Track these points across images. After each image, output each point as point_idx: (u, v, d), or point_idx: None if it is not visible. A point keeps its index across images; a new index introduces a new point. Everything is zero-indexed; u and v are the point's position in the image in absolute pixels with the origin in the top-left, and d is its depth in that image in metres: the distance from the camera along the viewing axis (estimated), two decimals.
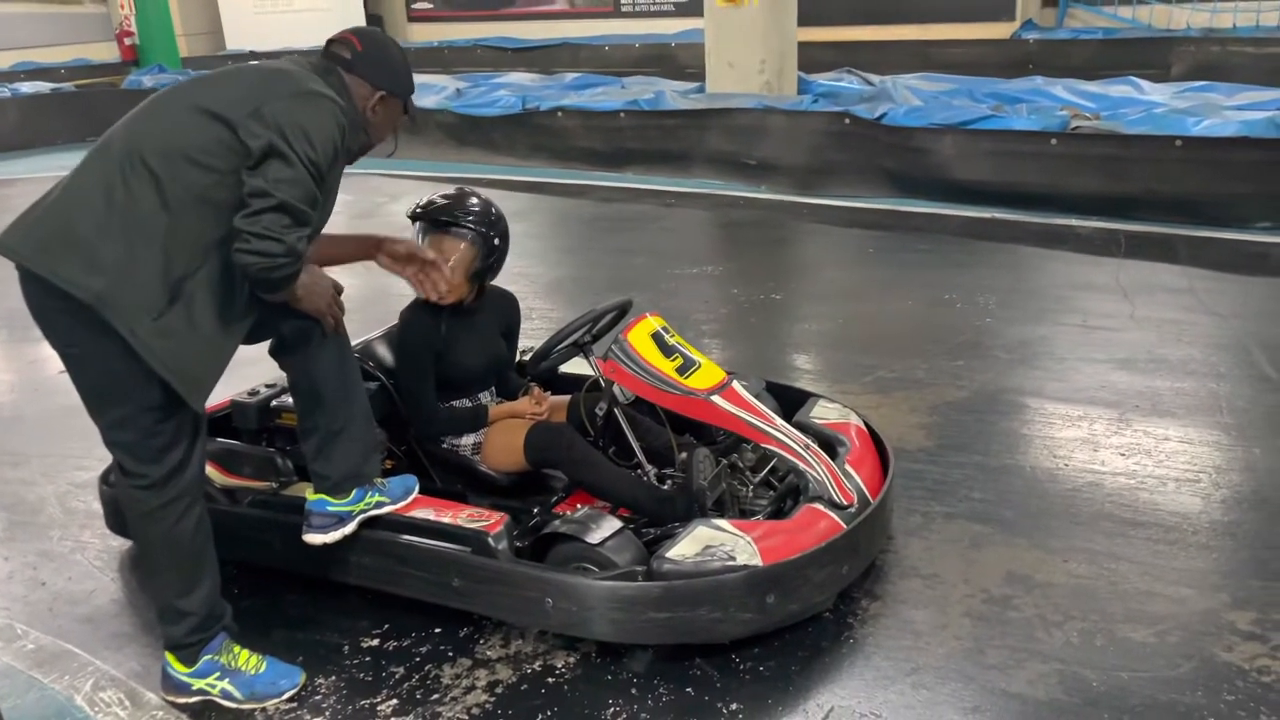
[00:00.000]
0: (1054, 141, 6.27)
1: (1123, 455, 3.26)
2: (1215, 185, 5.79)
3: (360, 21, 16.82)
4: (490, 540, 2.45)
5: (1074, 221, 6.09)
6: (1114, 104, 6.83)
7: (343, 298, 2.38)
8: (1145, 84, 7.44)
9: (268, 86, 2.09)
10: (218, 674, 2.28)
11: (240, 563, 2.71)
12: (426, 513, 2.58)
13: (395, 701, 2.32)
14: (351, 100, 2.22)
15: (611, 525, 2.46)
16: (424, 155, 8.54)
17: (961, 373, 3.98)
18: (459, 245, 2.78)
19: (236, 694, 2.28)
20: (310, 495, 2.50)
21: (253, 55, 13.20)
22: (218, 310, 2.10)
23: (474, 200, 2.83)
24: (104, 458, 3.21)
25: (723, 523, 2.45)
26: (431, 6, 16.69)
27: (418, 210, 2.81)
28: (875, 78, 8.38)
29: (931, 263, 5.51)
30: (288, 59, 2.24)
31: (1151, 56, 10.32)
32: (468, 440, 2.94)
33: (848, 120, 7.07)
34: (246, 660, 2.32)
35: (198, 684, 2.28)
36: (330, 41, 2.26)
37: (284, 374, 3.01)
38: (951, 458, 3.31)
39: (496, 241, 2.82)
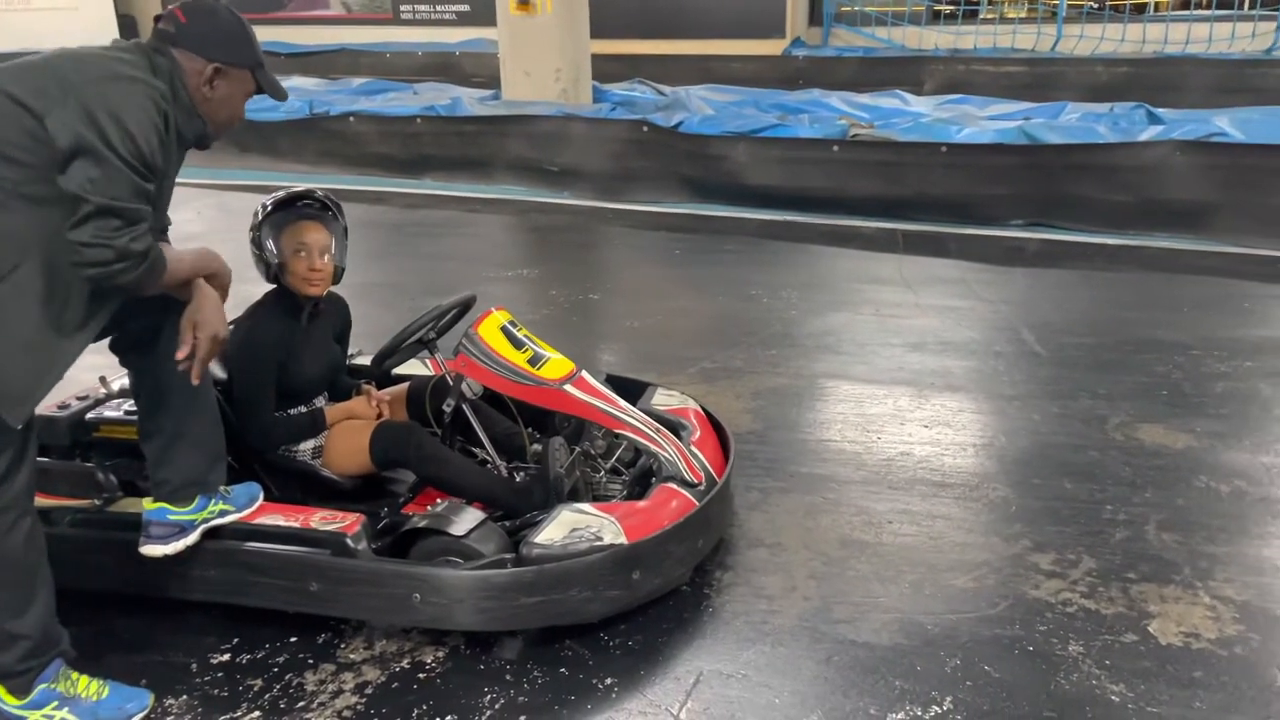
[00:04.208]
0: (836, 149, 6.75)
1: (926, 427, 3.58)
2: (976, 187, 6.43)
3: (110, 23, 15.64)
4: (349, 541, 2.39)
5: (857, 222, 6.57)
6: (885, 114, 7.42)
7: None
8: (910, 96, 8.13)
9: (76, 73, 1.92)
10: (55, 704, 2.10)
11: (62, 589, 2.49)
12: (275, 519, 2.49)
13: (258, 714, 2.22)
14: (183, 80, 2.05)
15: (474, 516, 2.46)
16: (200, 162, 8.01)
17: (776, 361, 4.23)
18: (326, 232, 2.71)
19: None
20: (148, 505, 2.35)
21: None
22: (43, 314, 1.93)
23: (320, 191, 2.78)
24: None
25: (585, 506, 2.51)
26: None
27: (272, 203, 2.71)
28: (667, 88, 8.69)
29: (735, 262, 5.79)
30: (114, 42, 2.07)
31: (906, 74, 11.31)
32: (306, 445, 2.84)
33: (646, 128, 7.30)
34: (86, 686, 2.15)
35: (33, 716, 2.09)
36: (157, 18, 2.08)
37: (95, 384, 2.88)
38: (777, 437, 3.52)
39: (346, 230, 2.79)
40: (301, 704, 2.25)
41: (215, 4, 2.14)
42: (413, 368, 3.22)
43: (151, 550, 2.34)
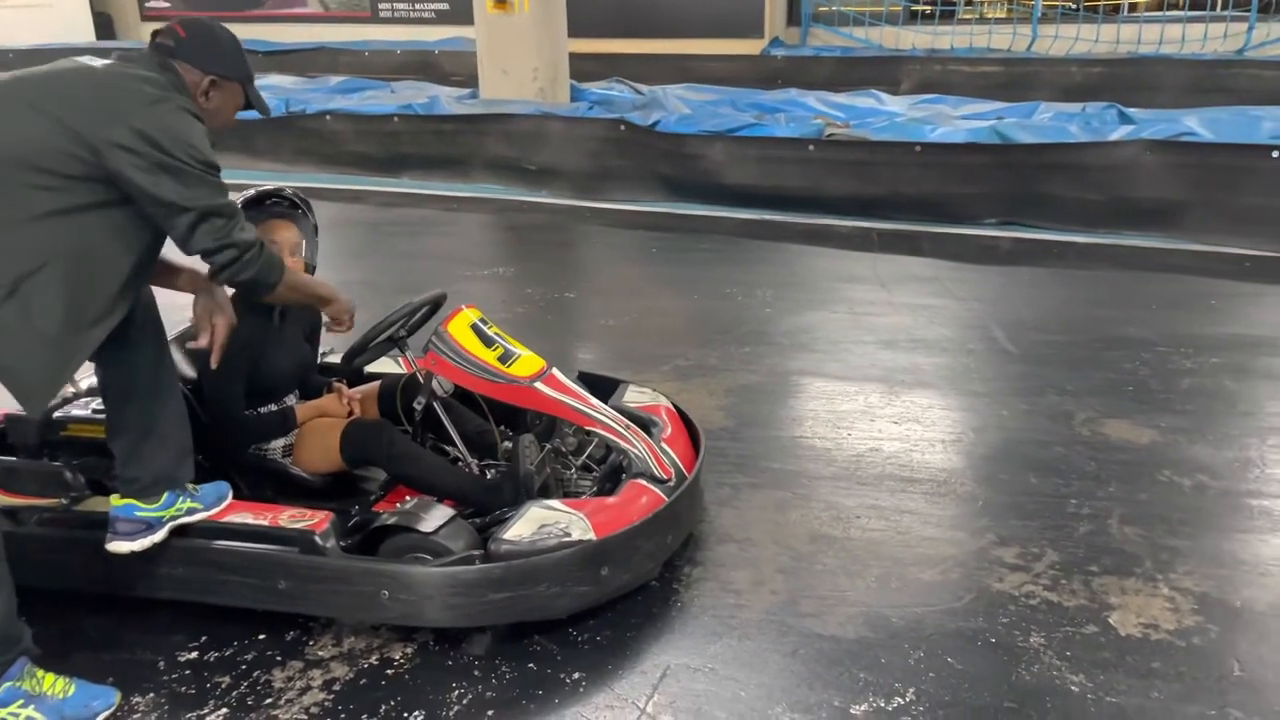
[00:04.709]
0: (812, 148, 6.77)
1: (896, 423, 3.61)
2: (950, 186, 6.47)
3: (86, 21, 15.52)
4: (318, 539, 2.40)
5: (833, 221, 6.61)
6: (860, 114, 7.45)
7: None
8: (885, 96, 8.18)
9: (117, 98, 2.03)
10: (21, 701, 2.10)
11: (29, 588, 2.48)
12: (244, 517, 2.49)
13: (225, 711, 2.23)
14: (186, 91, 2.17)
15: (443, 513, 2.47)
16: None
17: (750, 358, 4.25)
18: (296, 230, 2.73)
19: None
20: (116, 501, 2.35)
21: None
22: (66, 311, 2.02)
23: (289, 189, 2.80)
24: None
25: (554, 502, 2.52)
26: (169, 5, 15.64)
27: (242, 202, 2.71)
28: (644, 87, 8.71)
29: (711, 261, 5.81)
30: (117, 58, 2.16)
31: (884, 73, 11.33)
32: (277, 444, 2.85)
33: (623, 127, 7.30)
34: (52, 684, 2.15)
35: None
36: (155, 33, 2.20)
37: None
38: (749, 434, 3.54)
39: (316, 228, 2.81)
40: (269, 701, 2.25)
41: (211, 21, 2.31)
42: (384, 366, 3.23)
43: (118, 547, 2.34)
